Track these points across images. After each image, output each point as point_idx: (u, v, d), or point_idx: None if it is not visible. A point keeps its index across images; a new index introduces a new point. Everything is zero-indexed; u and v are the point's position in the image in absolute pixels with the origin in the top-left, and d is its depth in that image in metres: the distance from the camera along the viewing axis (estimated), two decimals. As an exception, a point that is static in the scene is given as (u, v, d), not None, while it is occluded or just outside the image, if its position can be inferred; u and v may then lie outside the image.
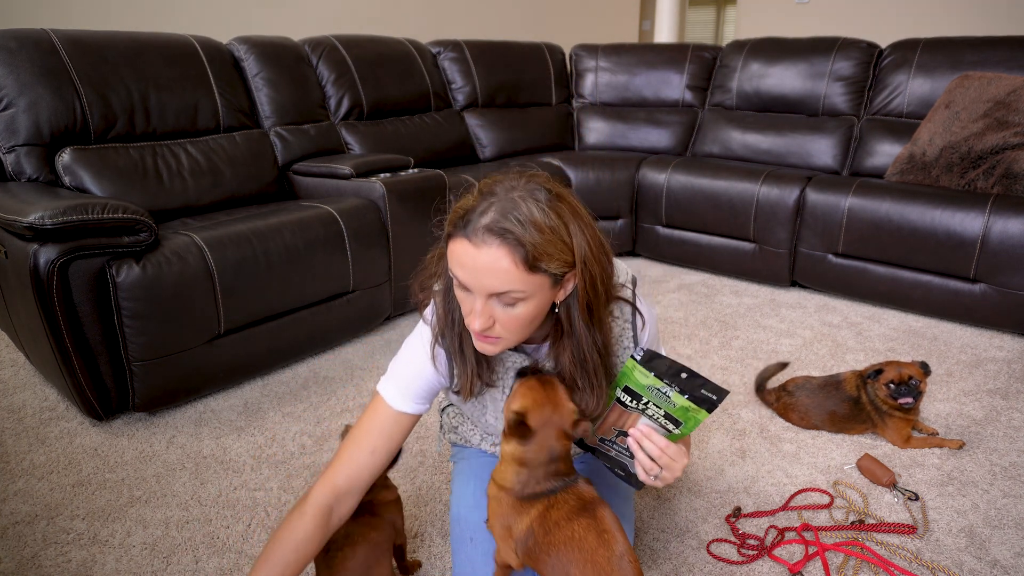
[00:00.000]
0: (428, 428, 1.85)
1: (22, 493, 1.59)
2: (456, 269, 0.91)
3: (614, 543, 0.94)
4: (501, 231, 0.86)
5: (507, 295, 0.90)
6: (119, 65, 2.30)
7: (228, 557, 1.38)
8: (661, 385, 0.95)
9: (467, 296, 0.94)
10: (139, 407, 1.87)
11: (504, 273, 0.87)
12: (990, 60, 2.84)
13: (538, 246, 0.87)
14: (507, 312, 0.92)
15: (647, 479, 0.98)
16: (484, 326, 0.92)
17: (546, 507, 0.99)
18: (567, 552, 0.94)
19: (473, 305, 0.92)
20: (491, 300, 0.91)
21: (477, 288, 0.90)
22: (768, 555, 1.38)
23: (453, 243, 0.91)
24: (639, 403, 0.98)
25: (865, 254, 2.64)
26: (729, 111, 3.54)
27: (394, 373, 1.10)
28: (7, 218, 1.67)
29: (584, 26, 6.57)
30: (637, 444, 0.97)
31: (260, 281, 2.01)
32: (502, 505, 1.02)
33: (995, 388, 2.06)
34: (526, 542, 0.99)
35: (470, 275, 0.89)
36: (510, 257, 0.87)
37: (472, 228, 0.88)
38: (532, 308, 0.93)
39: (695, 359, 2.26)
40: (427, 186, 2.53)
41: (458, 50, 3.58)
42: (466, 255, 0.89)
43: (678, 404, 0.95)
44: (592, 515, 0.97)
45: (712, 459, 1.71)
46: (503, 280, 0.88)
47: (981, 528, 1.46)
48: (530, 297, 0.91)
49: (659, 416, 0.97)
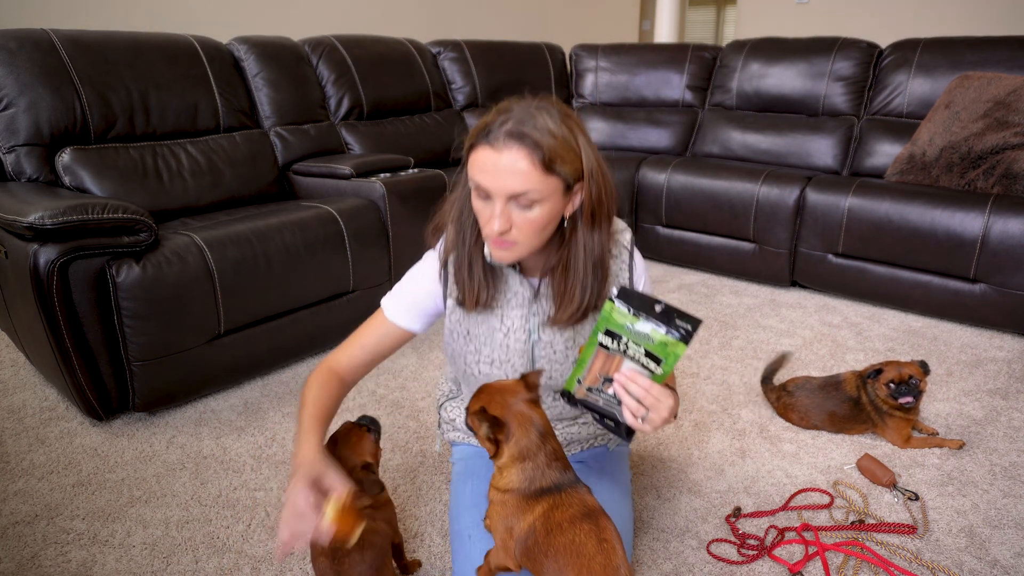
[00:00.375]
0: (428, 428, 1.86)
1: (22, 493, 1.59)
2: (478, 176, 1.00)
3: (612, 554, 0.95)
4: (520, 135, 0.96)
5: (525, 196, 0.98)
6: (119, 65, 2.30)
7: (228, 557, 1.38)
8: (638, 322, 0.98)
9: (486, 204, 1.02)
10: (139, 407, 1.87)
11: (523, 174, 0.96)
12: (990, 60, 2.84)
13: (553, 149, 0.97)
14: (524, 215, 1.00)
15: (635, 422, 0.99)
16: (503, 227, 1.00)
17: (551, 506, 0.99)
18: (565, 556, 0.95)
19: (493, 210, 1.00)
20: (510, 203, 0.99)
21: (498, 191, 0.98)
22: (768, 555, 1.38)
23: (475, 153, 1.00)
24: (620, 344, 1.00)
25: (865, 254, 2.64)
26: (729, 111, 3.54)
27: (396, 291, 1.23)
28: (7, 218, 1.67)
29: (584, 26, 6.57)
30: (622, 388, 0.99)
31: (260, 281, 2.01)
32: (507, 507, 1.03)
33: (995, 388, 2.06)
34: (526, 541, 1.00)
35: (491, 179, 0.98)
36: (528, 159, 0.96)
37: (493, 136, 0.97)
38: (546, 213, 1.01)
39: (695, 359, 2.26)
40: (427, 186, 2.53)
41: (458, 50, 3.58)
42: (488, 160, 0.98)
43: (656, 339, 0.97)
44: (595, 523, 0.98)
45: (712, 459, 1.71)
46: (522, 180, 0.97)
47: (981, 528, 1.46)
48: (545, 200, 0.99)
49: (640, 356, 0.99)
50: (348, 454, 1.18)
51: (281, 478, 1.64)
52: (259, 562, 1.37)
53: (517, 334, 1.17)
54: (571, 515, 0.98)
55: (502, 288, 1.16)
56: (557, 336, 1.17)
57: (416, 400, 2.01)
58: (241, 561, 1.37)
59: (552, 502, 1.00)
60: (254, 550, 1.40)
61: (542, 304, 1.16)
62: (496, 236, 1.02)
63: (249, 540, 1.43)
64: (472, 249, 1.12)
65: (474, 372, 1.22)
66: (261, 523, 1.48)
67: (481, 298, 1.14)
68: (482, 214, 1.03)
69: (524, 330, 1.17)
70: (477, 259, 1.12)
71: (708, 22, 10.88)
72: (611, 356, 1.01)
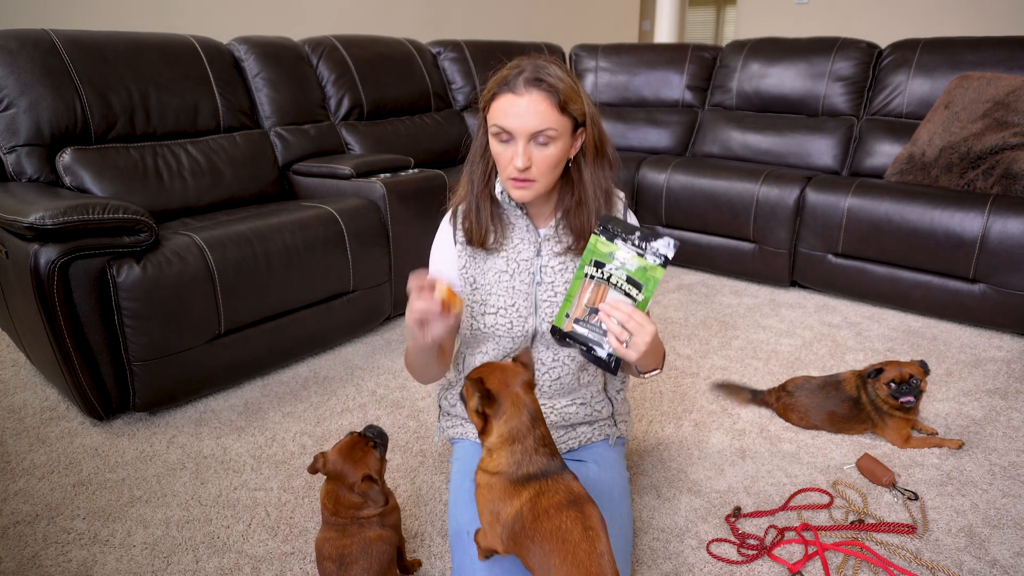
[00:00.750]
0: (428, 428, 1.86)
1: (23, 493, 1.59)
2: (501, 120, 1.12)
3: (597, 541, 0.96)
4: (538, 80, 1.10)
5: (543, 133, 1.11)
6: (119, 65, 2.30)
7: (228, 557, 1.38)
8: (620, 249, 1.06)
9: (506, 147, 1.14)
10: (139, 407, 1.87)
11: (543, 113, 1.10)
12: (990, 60, 2.84)
13: (565, 92, 1.11)
14: (542, 152, 1.13)
15: (619, 347, 1.06)
16: (526, 164, 1.12)
17: (537, 492, 1.01)
18: (551, 542, 0.96)
19: (515, 149, 1.12)
20: (530, 143, 1.12)
21: (520, 130, 1.11)
22: (768, 555, 1.38)
23: (497, 101, 1.13)
24: (603, 272, 1.07)
25: (865, 254, 2.64)
26: (729, 111, 3.55)
27: (431, 264, 1.34)
28: (8, 218, 1.67)
29: (584, 26, 6.57)
30: (607, 315, 1.06)
31: (260, 281, 2.01)
32: (493, 491, 1.04)
33: (994, 388, 2.07)
34: (513, 526, 1.01)
35: (515, 120, 1.11)
36: (547, 100, 1.10)
37: (514, 83, 1.11)
38: (559, 150, 1.14)
39: (695, 359, 2.27)
40: (427, 186, 2.54)
41: (458, 50, 3.58)
42: (510, 104, 1.11)
43: (636, 265, 1.05)
44: (580, 510, 0.99)
45: (712, 459, 1.72)
46: (542, 119, 1.10)
47: (980, 528, 1.46)
48: (559, 137, 1.13)
49: (623, 283, 1.06)
50: (351, 468, 1.17)
51: (281, 478, 1.64)
52: (259, 562, 1.37)
53: (522, 276, 1.27)
54: (557, 502, 0.99)
55: (509, 234, 1.27)
56: (558, 278, 1.27)
57: (416, 400, 2.01)
58: (241, 561, 1.37)
59: (539, 488, 1.01)
60: (254, 550, 1.40)
61: (550, 244, 1.27)
62: (518, 174, 1.14)
63: (249, 540, 1.43)
64: (480, 194, 1.25)
65: (480, 326, 1.28)
66: (261, 523, 1.49)
67: (488, 240, 1.25)
68: (502, 156, 1.15)
69: (528, 272, 1.27)
70: (484, 203, 1.25)
71: (708, 22, 10.88)
72: (597, 287, 1.08)
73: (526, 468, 1.02)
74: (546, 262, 1.27)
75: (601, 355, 1.10)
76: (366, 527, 1.17)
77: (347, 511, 1.17)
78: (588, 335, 1.10)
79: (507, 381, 1.05)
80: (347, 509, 1.17)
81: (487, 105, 1.16)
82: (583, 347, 1.11)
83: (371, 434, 1.24)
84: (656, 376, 1.48)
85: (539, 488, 1.01)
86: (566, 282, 1.27)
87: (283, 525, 1.48)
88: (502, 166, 1.17)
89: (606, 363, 1.10)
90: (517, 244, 1.27)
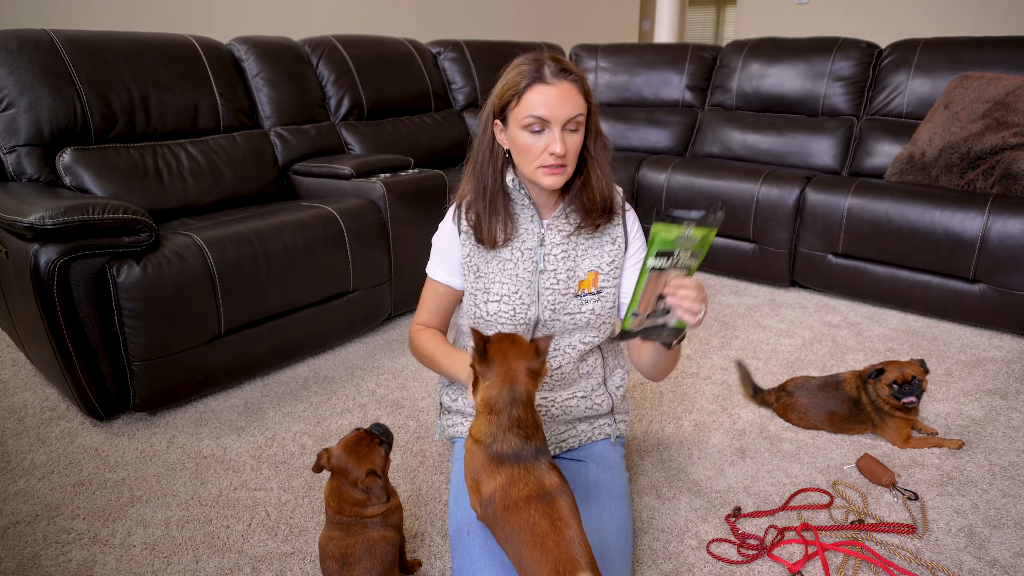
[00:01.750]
0: (428, 428, 1.86)
1: (23, 493, 1.59)
2: (535, 110, 1.16)
3: (566, 529, 0.98)
4: (567, 71, 1.18)
5: (575, 119, 1.18)
6: (119, 65, 2.30)
7: (228, 557, 1.38)
8: (683, 230, 1.05)
9: (538, 137, 1.18)
10: (139, 407, 1.87)
11: (575, 101, 1.18)
12: (990, 60, 2.84)
13: (584, 82, 1.21)
14: (572, 138, 1.20)
15: (692, 320, 1.09)
16: (563, 149, 1.17)
17: (509, 481, 1.02)
18: (520, 535, 0.99)
19: (552, 136, 1.18)
20: (563, 130, 1.18)
21: (557, 118, 1.16)
22: (768, 555, 1.38)
23: (528, 94, 1.17)
24: (670, 259, 1.06)
25: (865, 254, 2.64)
26: (729, 111, 3.55)
27: (431, 255, 1.38)
28: (8, 218, 1.67)
29: (584, 26, 6.57)
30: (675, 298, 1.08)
31: (260, 281, 2.01)
32: (475, 458, 1.07)
33: (994, 388, 2.07)
34: (487, 507, 1.04)
35: (551, 109, 1.16)
36: (576, 89, 1.18)
37: (545, 76, 1.16)
38: (581, 137, 1.22)
39: (695, 359, 2.27)
40: (427, 186, 2.54)
41: (458, 50, 3.58)
42: (545, 94, 1.16)
43: (698, 237, 1.06)
44: (550, 504, 1.00)
45: (712, 459, 1.72)
46: (575, 106, 1.17)
47: (980, 528, 1.46)
48: (583, 124, 1.21)
49: (686, 259, 1.08)
50: (356, 464, 1.17)
51: (281, 478, 1.64)
52: (259, 562, 1.37)
53: (525, 264, 1.30)
54: (527, 495, 1.01)
55: (516, 226, 1.31)
56: (560, 266, 1.30)
57: (416, 400, 2.01)
58: (241, 561, 1.37)
59: (511, 476, 1.03)
60: (254, 550, 1.40)
61: (553, 233, 1.30)
62: (554, 160, 1.19)
63: (249, 540, 1.43)
64: (496, 193, 1.27)
65: (482, 313, 1.32)
66: (261, 523, 1.48)
67: (499, 238, 1.29)
68: (534, 147, 1.19)
69: (532, 261, 1.30)
70: (500, 201, 1.28)
71: (708, 22, 10.88)
72: (661, 275, 1.08)
73: (499, 446, 1.04)
74: (549, 250, 1.30)
75: (671, 326, 1.12)
76: (370, 527, 1.17)
77: (351, 508, 1.17)
78: (654, 322, 1.12)
79: (510, 354, 1.09)
80: (351, 507, 1.17)
81: (516, 99, 1.18)
82: (654, 338, 1.13)
83: (377, 431, 1.24)
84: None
85: (511, 476, 1.03)
86: (568, 270, 1.29)
87: (283, 525, 1.48)
88: (532, 157, 1.20)
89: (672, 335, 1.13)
90: (522, 234, 1.31)
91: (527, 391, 1.07)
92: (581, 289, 1.31)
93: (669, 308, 1.09)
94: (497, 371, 1.07)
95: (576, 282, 1.31)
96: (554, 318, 1.31)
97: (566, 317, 1.31)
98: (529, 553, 0.97)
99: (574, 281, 1.31)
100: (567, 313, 1.31)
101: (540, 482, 1.02)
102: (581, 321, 1.32)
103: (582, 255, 1.31)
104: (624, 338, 1.13)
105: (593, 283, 1.31)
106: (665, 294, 1.09)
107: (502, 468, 1.03)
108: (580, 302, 1.31)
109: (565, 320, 1.31)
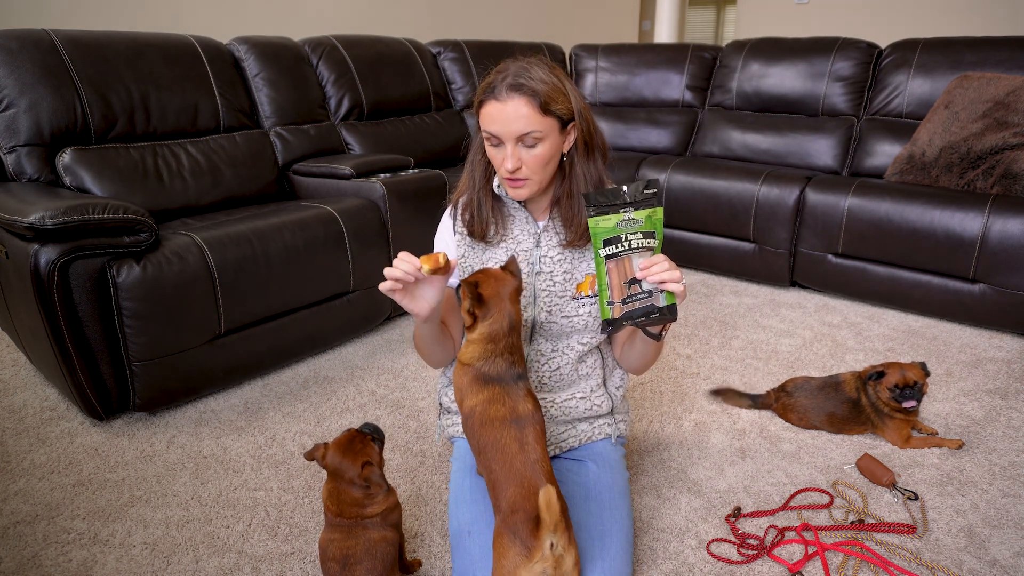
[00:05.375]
0: (428, 428, 1.86)
1: (23, 493, 1.59)
2: (488, 125, 1.18)
3: (532, 452, 1.09)
4: (519, 85, 1.14)
5: (529, 136, 1.16)
6: (119, 65, 2.30)
7: (228, 557, 1.38)
8: (621, 216, 1.09)
9: (498, 150, 1.19)
10: (139, 407, 1.87)
11: (526, 117, 1.14)
12: (990, 60, 2.84)
13: (547, 93, 1.15)
14: (530, 153, 1.18)
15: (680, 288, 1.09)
16: (515, 165, 1.17)
17: (490, 399, 1.12)
18: (492, 451, 1.10)
19: (505, 152, 1.17)
20: (518, 145, 1.17)
21: (507, 134, 1.16)
22: (768, 555, 1.38)
23: (484, 108, 1.18)
24: (620, 245, 1.10)
25: (865, 254, 2.64)
26: (729, 111, 3.55)
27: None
28: (8, 218, 1.67)
29: (584, 26, 6.57)
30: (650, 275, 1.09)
31: (260, 281, 2.01)
32: (462, 378, 1.17)
33: (995, 388, 2.07)
34: (468, 420, 1.14)
35: (500, 125, 1.15)
36: (528, 104, 1.14)
37: (497, 90, 1.15)
38: (547, 149, 1.19)
39: (695, 359, 2.27)
40: (427, 186, 2.54)
41: (458, 50, 3.58)
42: (495, 110, 1.16)
43: (641, 218, 1.09)
44: (520, 429, 1.10)
45: (712, 459, 1.72)
46: (526, 122, 1.15)
47: (980, 528, 1.46)
48: (545, 137, 1.17)
49: (640, 241, 1.10)
50: (351, 462, 1.18)
51: (281, 478, 1.64)
52: (259, 562, 1.37)
53: (521, 266, 1.30)
54: (502, 416, 1.11)
55: (510, 227, 1.32)
56: (557, 268, 1.30)
57: (416, 400, 2.01)
58: (241, 561, 1.37)
59: (492, 395, 1.12)
60: (254, 550, 1.40)
61: (549, 236, 1.31)
62: (509, 175, 1.19)
63: (249, 540, 1.43)
64: (482, 191, 1.30)
65: None
66: (261, 523, 1.49)
67: (488, 233, 1.30)
68: (495, 159, 1.21)
69: (528, 263, 1.30)
70: (486, 199, 1.30)
71: (708, 22, 10.88)
72: (620, 261, 1.10)
73: (488, 368, 1.14)
74: (545, 252, 1.30)
75: (661, 307, 1.12)
76: (370, 528, 1.17)
77: (351, 509, 1.17)
78: (639, 305, 1.12)
79: (498, 290, 1.15)
80: (350, 507, 1.17)
81: (478, 112, 1.21)
82: (639, 323, 1.14)
83: (368, 430, 1.25)
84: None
85: (492, 395, 1.12)
86: (565, 272, 1.30)
87: (283, 525, 1.48)
88: (496, 167, 1.22)
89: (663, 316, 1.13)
90: (517, 235, 1.32)
91: (517, 317, 1.16)
92: (579, 292, 1.30)
93: (652, 290, 1.10)
94: (495, 308, 1.14)
95: (574, 284, 1.30)
96: (550, 320, 1.31)
97: (563, 320, 1.31)
98: (499, 468, 1.08)
99: (571, 284, 1.30)
100: (564, 316, 1.31)
101: (515, 407, 1.12)
102: (579, 324, 1.32)
103: (579, 257, 1.31)
104: (611, 328, 1.13)
105: (591, 286, 1.31)
106: (640, 278, 1.10)
107: (485, 387, 1.13)
108: (577, 305, 1.31)
109: (562, 323, 1.31)
